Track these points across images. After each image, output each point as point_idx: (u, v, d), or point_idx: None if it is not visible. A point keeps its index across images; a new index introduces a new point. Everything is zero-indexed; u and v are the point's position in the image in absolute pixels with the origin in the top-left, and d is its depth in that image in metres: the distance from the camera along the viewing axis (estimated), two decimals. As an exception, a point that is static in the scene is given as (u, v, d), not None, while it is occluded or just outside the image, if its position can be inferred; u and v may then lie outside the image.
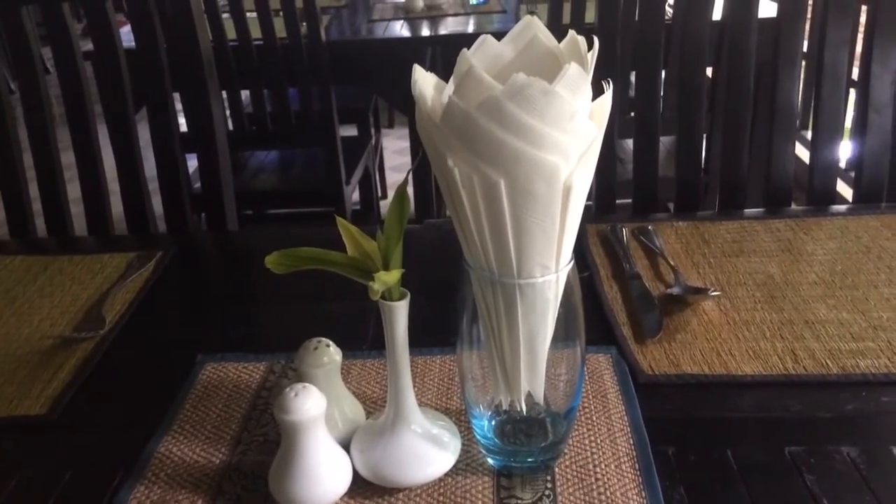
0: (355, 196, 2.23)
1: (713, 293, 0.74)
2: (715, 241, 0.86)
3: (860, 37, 1.86)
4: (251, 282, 0.84)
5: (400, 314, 0.50)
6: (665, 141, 1.94)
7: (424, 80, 0.48)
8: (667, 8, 1.03)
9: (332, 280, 0.53)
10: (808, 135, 1.79)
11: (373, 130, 2.68)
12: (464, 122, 0.44)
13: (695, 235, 0.88)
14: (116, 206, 1.01)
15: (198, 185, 1.36)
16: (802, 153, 1.53)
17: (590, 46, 0.47)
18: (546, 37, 0.49)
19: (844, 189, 1.08)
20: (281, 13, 1.79)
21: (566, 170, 0.44)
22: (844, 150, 1.17)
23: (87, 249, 0.93)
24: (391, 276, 0.48)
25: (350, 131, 2.42)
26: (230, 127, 1.96)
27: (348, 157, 2.06)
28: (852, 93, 1.95)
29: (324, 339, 0.56)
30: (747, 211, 0.94)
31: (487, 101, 0.43)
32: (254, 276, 0.84)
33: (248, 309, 0.78)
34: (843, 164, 1.18)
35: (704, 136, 1.23)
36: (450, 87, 0.48)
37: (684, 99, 0.98)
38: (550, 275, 0.47)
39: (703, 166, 1.07)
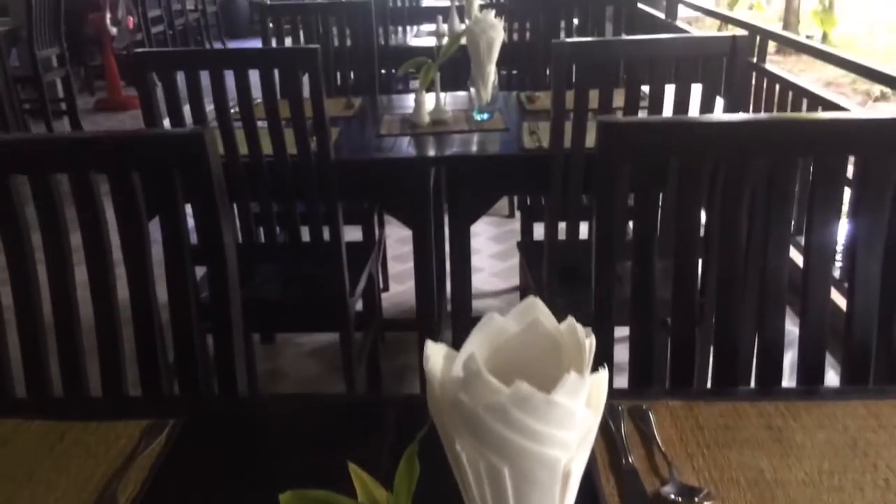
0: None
1: (706, 502, 0.77)
2: (708, 425, 0.90)
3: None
4: (264, 462, 0.87)
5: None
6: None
7: (435, 355, 0.52)
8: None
9: None
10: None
11: (376, 226, 2.75)
12: (471, 419, 0.48)
13: (689, 419, 0.91)
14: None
15: (205, 294, 1.41)
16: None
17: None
18: (547, 319, 0.53)
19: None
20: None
21: (566, 458, 0.48)
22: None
23: (102, 413, 0.96)
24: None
25: (354, 233, 2.49)
26: (239, 238, 2.02)
27: (353, 266, 2.11)
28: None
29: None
30: (739, 389, 0.97)
31: (494, 405, 0.47)
32: (266, 456, 0.86)
33: (260, 495, 0.81)
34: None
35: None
36: (458, 369, 0.51)
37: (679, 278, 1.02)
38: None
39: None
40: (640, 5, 5.43)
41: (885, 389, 0.96)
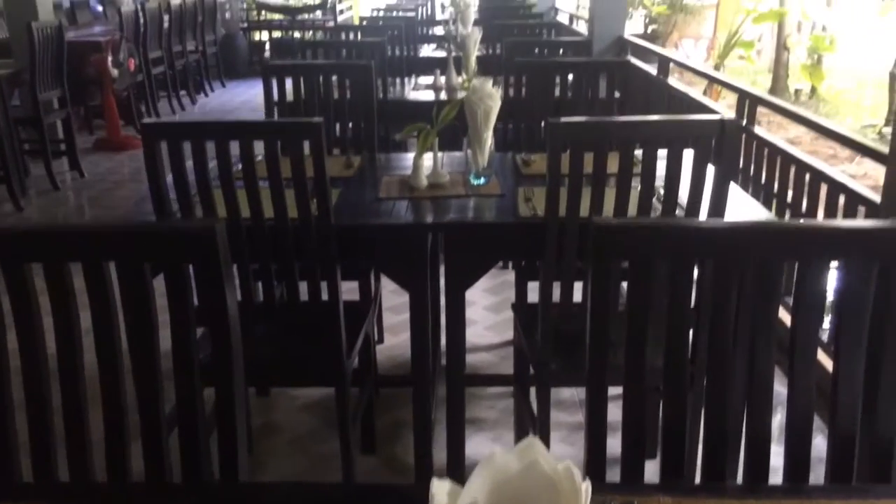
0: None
1: None
2: (697, 524, 0.93)
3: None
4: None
5: None
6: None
7: (440, 494, 0.55)
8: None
9: None
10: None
11: (373, 280, 2.79)
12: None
13: (678, 516, 0.94)
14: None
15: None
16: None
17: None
18: (546, 460, 0.57)
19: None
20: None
21: None
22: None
23: (106, 499, 0.99)
24: None
25: (351, 287, 2.52)
26: (238, 295, 2.05)
27: (350, 326, 2.15)
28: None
29: None
30: (728, 485, 1.01)
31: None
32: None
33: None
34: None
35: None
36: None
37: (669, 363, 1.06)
38: None
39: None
40: (631, 58, 5.57)
41: (869, 489, 0.99)
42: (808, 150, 3.28)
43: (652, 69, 4.90)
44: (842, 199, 2.49)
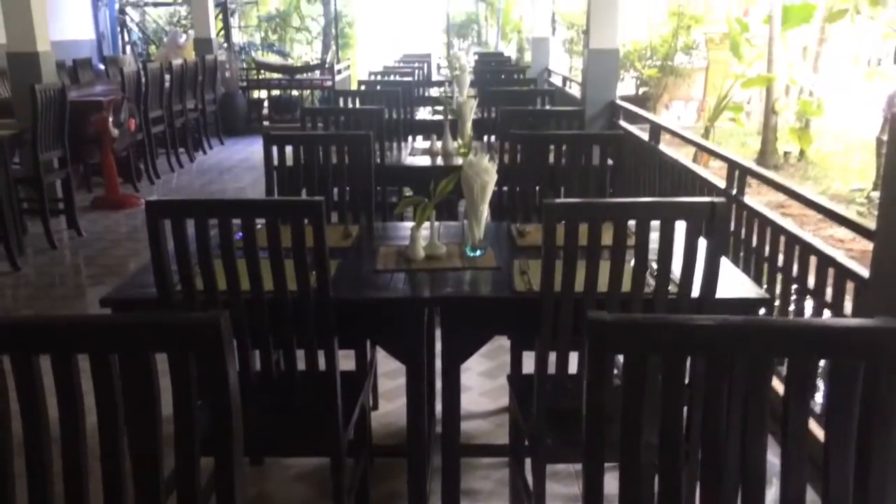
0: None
1: None
2: None
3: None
4: None
5: None
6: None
7: None
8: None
9: None
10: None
11: (369, 348, 2.80)
12: None
13: None
14: None
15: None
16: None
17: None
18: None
19: None
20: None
21: None
22: None
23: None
24: None
25: (348, 357, 2.53)
26: (236, 366, 2.07)
27: (346, 396, 2.16)
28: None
29: None
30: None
31: None
32: None
33: None
34: None
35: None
36: None
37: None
38: None
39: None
40: (623, 122, 5.70)
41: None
42: (802, 210, 3.30)
43: (643, 132, 5.01)
44: (831, 271, 2.53)
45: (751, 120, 11.53)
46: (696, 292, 1.97)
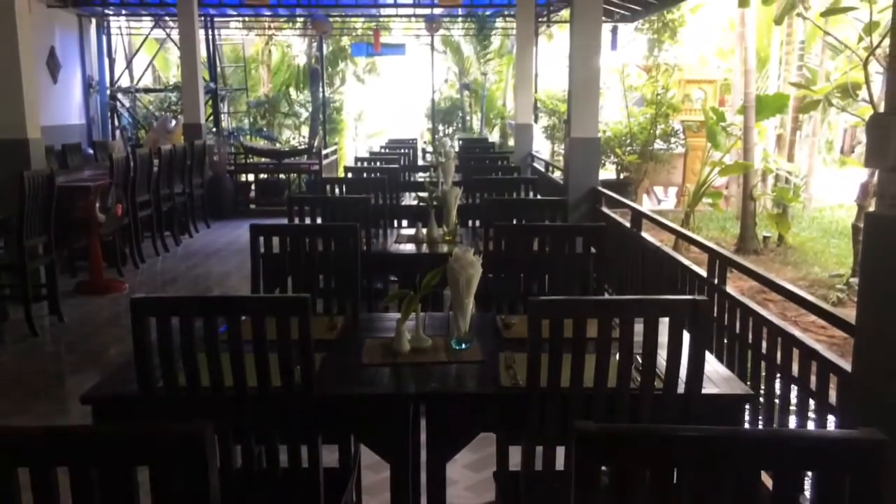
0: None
1: None
2: None
3: None
4: None
5: None
6: None
7: None
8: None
9: None
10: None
11: (353, 444, 2.75)
12: None
13: None
14: None
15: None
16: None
17: None
18: None
19: None
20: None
21: None
22: None
23: None
24: None
25: (331, 451, 2.48)
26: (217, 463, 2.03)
27: (330, 496, 2.11)
28: None
29: None
30: None
31: None
32: None
33: None
34: None
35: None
36: None
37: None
38: None
39: None
40: (605, 209, 5.81)
41: None
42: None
43: (625, 217, 5.10)
44: (814, 365, 2.55)
45: (730, 204, 11.78)
46: (681, 388, 1.98)
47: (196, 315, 1.81)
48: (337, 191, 5.11)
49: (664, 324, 1.92)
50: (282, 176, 11.87)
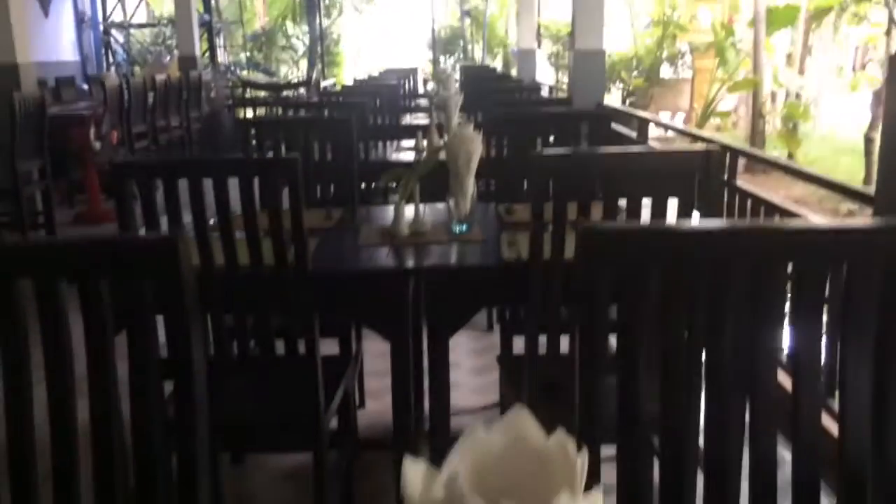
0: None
1: None
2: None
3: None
4: None
5: None
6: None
7: (414, 476, 0.47)
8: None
9: None
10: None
11: (354, 339, 2.69)
12: (453, 549, 0.43)
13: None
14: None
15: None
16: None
17: (578, 448, 0.48)
18: (535, 433, 0.49)
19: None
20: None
21: None
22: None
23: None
24: None
25: (331, 346, 2.42)
26: (211, 350, 1.96)
27: (329, 381, 2.05)
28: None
29: None
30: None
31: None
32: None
33: None
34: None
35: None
36: (439, 490, 0.47)
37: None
38: None
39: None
40: (613, 125, 5.65)
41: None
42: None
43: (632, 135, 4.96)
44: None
45: (738, 127, 11.55)
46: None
47: (179, 177, 1.71)
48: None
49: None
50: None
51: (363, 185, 3.62)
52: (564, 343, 1.99)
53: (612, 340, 1.04)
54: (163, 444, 1.00)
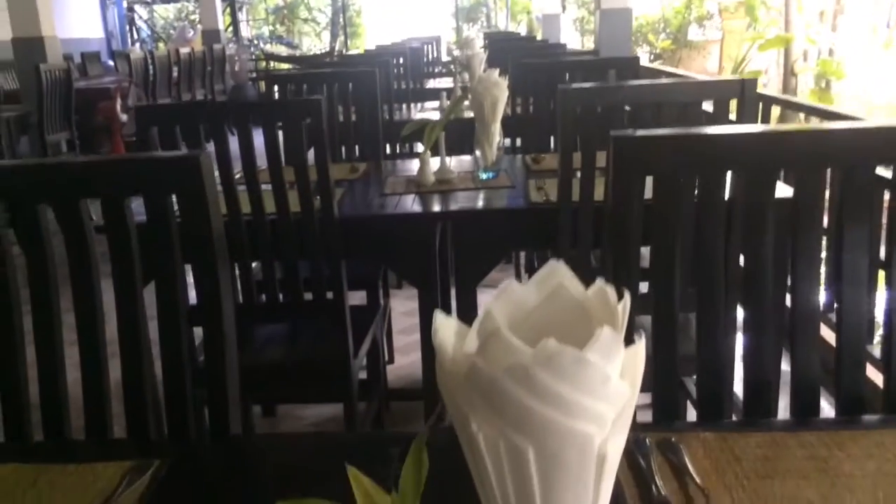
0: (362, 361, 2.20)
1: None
2: (746, 456, 0.81)
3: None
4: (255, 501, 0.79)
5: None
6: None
7: (445, 329, 0.45)
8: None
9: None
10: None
11: (381, 294, 2.69)
12: (489, 387, 0.41)
13: (724, 450, 0.83)
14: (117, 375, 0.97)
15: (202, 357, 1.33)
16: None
17: (620, 296, 0.45)
18: (572, 285, 0.47)
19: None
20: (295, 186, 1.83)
21: (600, 437, 0.41)
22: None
23: (83, 456, 0.88)
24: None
25: (359, 298, 2.42)
26: (240, 299, 1.96)
27: (357, 329, 2.04)
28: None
29: None
30: (775, 420, 0.89)
31: (515, 368, 0.40)
32: (258, 495, 0.78)
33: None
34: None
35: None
36: (472, 340, 0.45)
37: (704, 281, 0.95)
38: (584, 551, 0.42)
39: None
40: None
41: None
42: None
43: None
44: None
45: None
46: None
47: (201, 122, 1.70)
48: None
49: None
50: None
51: (387, 147, 3.59)
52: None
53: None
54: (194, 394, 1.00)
